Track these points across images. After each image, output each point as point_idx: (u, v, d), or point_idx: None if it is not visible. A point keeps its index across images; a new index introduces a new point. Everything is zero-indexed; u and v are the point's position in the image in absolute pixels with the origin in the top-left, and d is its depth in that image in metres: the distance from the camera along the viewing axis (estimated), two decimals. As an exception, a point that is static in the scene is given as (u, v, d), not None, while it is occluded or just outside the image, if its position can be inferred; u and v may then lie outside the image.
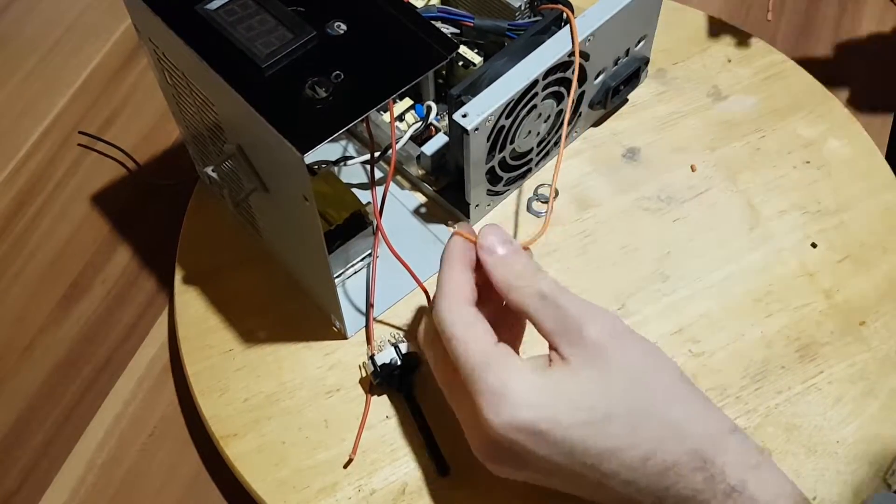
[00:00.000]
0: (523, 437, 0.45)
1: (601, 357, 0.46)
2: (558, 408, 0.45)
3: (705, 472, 0.44)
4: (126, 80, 0.79)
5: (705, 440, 0.45)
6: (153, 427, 0.61)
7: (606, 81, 0.65)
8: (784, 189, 0.66)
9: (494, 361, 0.46)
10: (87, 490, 0.59)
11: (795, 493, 0.45)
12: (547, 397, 0.45)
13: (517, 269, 0.49)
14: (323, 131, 0.44)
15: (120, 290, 0.67)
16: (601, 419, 0.45)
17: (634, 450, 0.45)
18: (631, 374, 0.46)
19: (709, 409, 0.47)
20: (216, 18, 0.48)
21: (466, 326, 0.48)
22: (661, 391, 0.46)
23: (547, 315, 0.47)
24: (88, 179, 0.73)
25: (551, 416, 0.45)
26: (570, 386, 0.45)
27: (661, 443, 0.45)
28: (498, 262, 0.50)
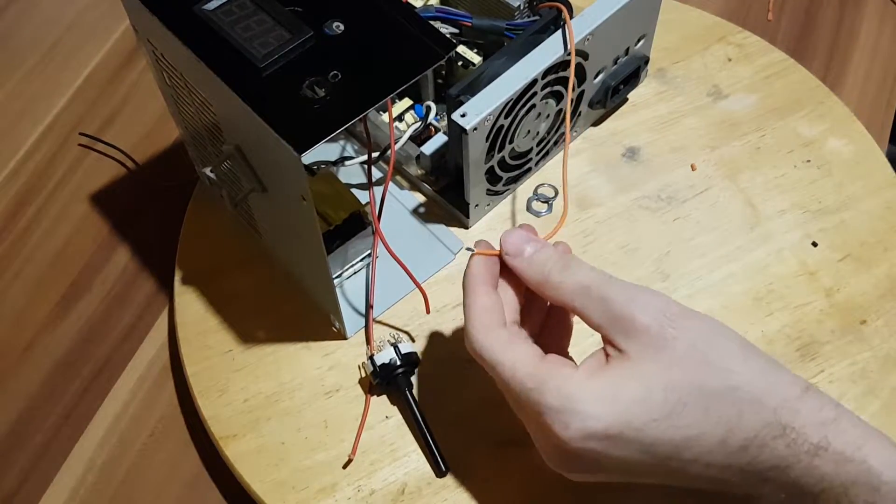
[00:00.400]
0: (596, 444, 0.44)
1: (659, 346, 0.44)
2: (627, 410, 0.43)
3: (786, 438, 0.43)
4: (126, 80, 0.79)
5: (780, 407, 0.44)
6: (153, 427, 0.61)
7: (606, 80, 0.65)
8: (784, 188, 0.65)
9: (547, 379, 0.45)
10: (87, 490, 0.59)
11: (879, 436, 0.44)
12: (612, 403, 0.44)
13: (549, 266, 0.48)
14: (320, 131, 0.44)
15: (119, 290, 0.67)
16: (671, 412, 0.43)
17: (710, 434, 0.43)
18: (693, 358, 0.44)
19: (779, 373, 0.45)
20: (214, 19, 0.48)
21: (504, 351, 0.46)
22: (727, 368, 0.44)
23: (594, 308, 0.46)
24: (88, 179, 0.73)
25: (621, 420, 0.43)
26: (634, 384, 0.44)
27: (736, 420, 0.43)
28: (527, 264, 0.48)
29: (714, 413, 0.43)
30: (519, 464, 0.55)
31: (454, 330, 0.60)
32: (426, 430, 0.56)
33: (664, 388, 0.43)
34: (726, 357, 0.45)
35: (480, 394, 0.58)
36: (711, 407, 0.43)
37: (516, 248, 0.49)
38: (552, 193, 0.66)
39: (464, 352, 0.59)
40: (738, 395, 0.44)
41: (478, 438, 0.56)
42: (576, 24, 0.59)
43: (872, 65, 0.76)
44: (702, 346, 0.45)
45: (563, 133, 0.66)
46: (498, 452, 0.56)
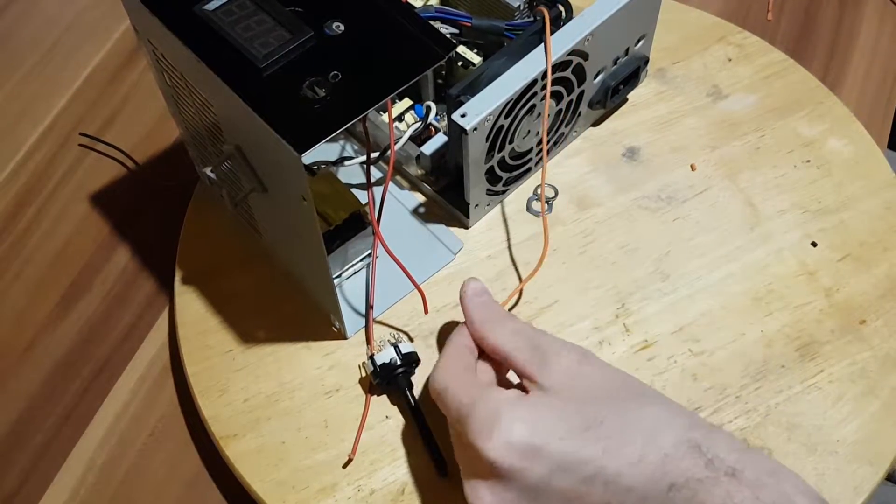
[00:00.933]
0: (521, 458, 0.45)
1: (578, 377, 0.48)
2: (550, 423, 0.46)
3: (703, 456, 0.44)
4: (126, 81, 0.79)
5: (693, 429, 0.46)
6: (153, 427, 0.61)
7: (606, 81, 0.65)
8: (784, 188, 0.65)
9: (481, 397, 0.47)
10: (87, 490, 0.59)
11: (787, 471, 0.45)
12: (536, 415, 0.46)
13: (492, 310, 0.53)
14: (321, 131, 0.44)
15: (120, 290, 0.67)
16: (591, 424, 0.46)
17: (629, 447, 0.45)
18: (610, 384, 0.48)
19: (685, 409, 0.48)
20: (214, 19, 0.48)
21: (453, 378, 0.50)
22: (641, 395, 0.49)
23: (521, 348, 0.50)
24: (88, 179, 0.73)
25: (545, 430, 0.46)
26: (557, 403, 0.47)
27: (652, 436, 0.45)
28: (475, 305, 0.53)
29: (631, 429, 0.46)
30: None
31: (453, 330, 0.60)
32: (426, 430, 0.56)
33: (583, 407, 0.47)
34: (639, 389, 0.49)
35: (480, 394, 0.58)
36: (627, 424, 0.46)
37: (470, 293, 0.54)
38: (552, 193, 0.66)
39: (464, 352, 0.59)
40: (652, 415, 0.47)
41: (478, 438, 0.56)
42: (575, 24, 0.59)
43: (872, 65, 0.76)
44: (616, 377, 0.49)
45: (564, 133, 0.66)
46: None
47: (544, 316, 0.61)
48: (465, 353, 0.52)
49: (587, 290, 0.62)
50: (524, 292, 0.62)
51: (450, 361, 0.51)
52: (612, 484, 0.45)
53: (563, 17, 0.62)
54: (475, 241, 0.64)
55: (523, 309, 0.61)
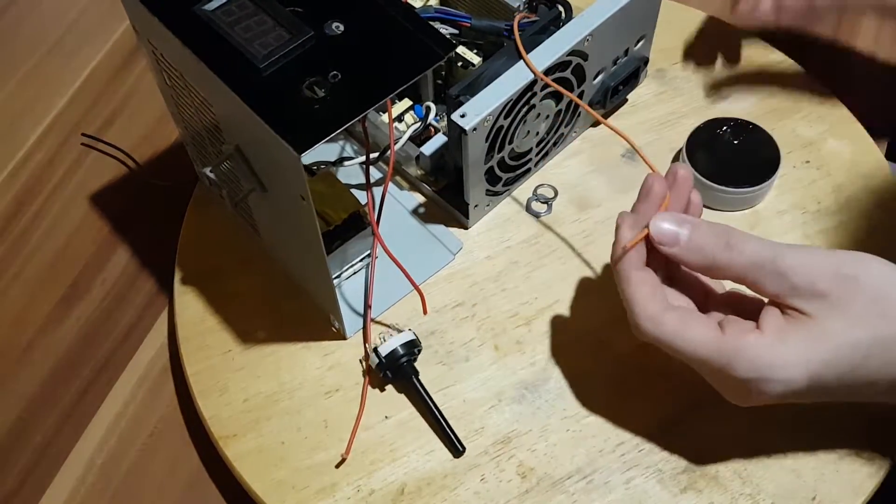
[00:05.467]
0: (790, 398, 0.47)
1: (840, 306, 0.46)
2: (818, 372, 0.46)
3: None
4: (126, 81, 0.79)
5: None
6: (153, 427, 0.61)
7: (605, 81, 0.65)
8: (784, 189, 0.65)
9: (734, 353, 0.46)
10: (87, 490, 0.59)
11: None
12: (805, 367, 0.46)
13: (710, 248, 0.48)
14: (320, 131, 0.44)
15: (119, 290, 0.67)
16: (856, 366, 0.46)
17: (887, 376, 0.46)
18: (872, 312, 0.46)
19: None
20: (214, 19, 0.48)
21: (680, 336, 0.48)
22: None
23: (769, 282, 0.47)
24: (88, 179, 0.73)
25: (814, 380, 0.46)
26: (823, 346, 0.46)
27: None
28: (686, 251, 0.49)
29: (893, 360, 0.46)
30: (516, 461, 0.55)
31: (453, 330, 0.60)
32: (439, 413, 0.56)
33: (850, 346, 0.46)
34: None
35: (480, 393, 0.58)
36: (891, 356, 0.46)
37: (671, 237, 0.49)
38: (552, 194, 0.66)
39: (461, 352, 0.59)
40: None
41: (477, 438, 0.56)
42: (575, 24, 0.59)
43: (872, 65, 0.76)
44: (879, 300, 0.46)
45: (563, 134, 0.66)
46: (494, 450, 0.56)
47: (544, 316, 0.61)
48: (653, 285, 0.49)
49: (587, 290, 0.62)
50: (524, 293, 0.62)
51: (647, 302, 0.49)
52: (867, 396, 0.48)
53: (562, 17, 0.62)
54: (475, 241, 0.64)
55: (523, 309, 0.61)
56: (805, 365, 0.46)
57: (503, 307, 0.61)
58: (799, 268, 0.47)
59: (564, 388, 0.58)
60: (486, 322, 0.61)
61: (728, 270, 0.48)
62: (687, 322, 0.48)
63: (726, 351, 0.46)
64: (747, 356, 0.46)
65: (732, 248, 0.48)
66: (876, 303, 0.46)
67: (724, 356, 0.47)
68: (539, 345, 0.60)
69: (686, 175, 0.52)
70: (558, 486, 0.55)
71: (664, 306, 0.49)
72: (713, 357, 0.47)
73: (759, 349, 0.46)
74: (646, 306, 0.49)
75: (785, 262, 0.47)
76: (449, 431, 0.56)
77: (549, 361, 0.59)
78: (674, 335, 0.48)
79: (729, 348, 0.46)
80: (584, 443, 0.56)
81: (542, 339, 0.60)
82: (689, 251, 0.49)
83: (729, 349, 0.46)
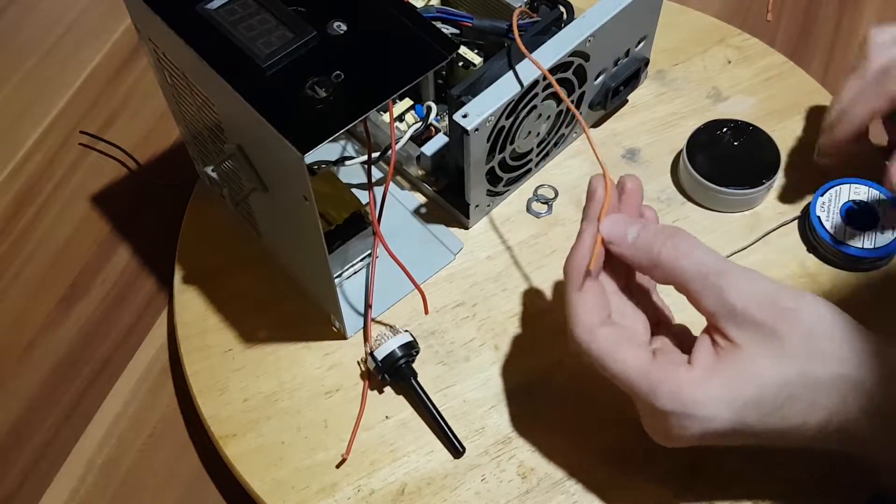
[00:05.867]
0: (709, 439, 0.46)
1: (771, 340, 0.45)
2: (742, 411, 0.45)
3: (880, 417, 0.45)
4: (126, 81, 0.79)
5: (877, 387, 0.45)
6: (153, 427, 0.61)
7: (606, 82, 0.65)
8: (784, 190, 0.65)
9: (659, 383, 0.45)
10: (87, 490, 0.59)
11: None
12: (728, 405, 0.45)
13: (657, 248, 0.47)
14: (323, 131, 0.44)
15: (119, 290, 0.67)
16: (781, 406, 0.45)
17: (813, 421, 0.45)
18: (803, 350, 0.45)
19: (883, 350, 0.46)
20: (216, 18, 0.48)
21: (611, 353, 0.46)
22: (835, 356, 0.45)
23: (706, 295, 0.46)
24: (88, 179, 0.73)
25: (736, 419, 0.45)
26: (749, 384, 0.45)
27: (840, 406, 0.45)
28: (633, 250, 0.48)
29: (820, 403, 0.45)
30: (516, 461, 0.55)
31: (453, 330, 0.60)
32: (438, 414, 0.56)
33: (777, 385, 0.45)
34: (835, 346, 0.45)
35: (479, 393, 0.58)
36: (818, 398, 0.45)
37: (618, 235, 0.48)
38: (552, 194, 0.66)
39: (462, 352, 0.59)
40: (843, 382, 0.45)
41: (477, 438, 0.56)
42: (577, 25, 0.59)
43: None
44: (812, 338, 0.45)
45: (563, 134, 0.66)
46: (495, 450, 0.56)
47: (544, 316, 0.61)
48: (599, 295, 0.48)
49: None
50: (524, 293, 0.62)
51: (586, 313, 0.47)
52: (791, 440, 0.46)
53: (564, 17, 0.62)
54: (475, 241, 0.64)
55: (523, 309, 0.61)
56: (728, 403, 0.45)
57: (503, 307, 0.61)
58: (740, 289, 0.45)
59: (565, 389, 0.58)
60: (486, 322, 0.61)
61: (671, 272, 0.47)
62: (620, 342, 0.47)
63: (652, 379, 0.45)
64: (670, 388, 0.45)
65: (679, 249, 0.47)
66: (808, 342, 0.45)
67: (649, 384, 0.45)
68: (539, 345, 0.60)
69: (634, 187, 0.51)
70: (559, 487, 0.55)
71: (602, 320, 0.48)
72: (637, 383, 0.46)
73: (683, 383, 0.45)
74: (584, 316, 0.47)
75: (728, 279, 0.46)
76: (448, 432, 0.56)
77: (550, 361, 0.59)
78: (604, 352, 0.47)
79: (654, 377, 0.45)
80: (585, 443, 0.56)
81: (543, 339, 0.60)
82: (637, 249, 0.48)
83: (654, 378, 0.45)
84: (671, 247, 0.47)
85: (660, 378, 0.45)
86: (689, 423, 0.45)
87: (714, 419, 0.45)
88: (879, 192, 0.63)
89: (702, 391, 0.45)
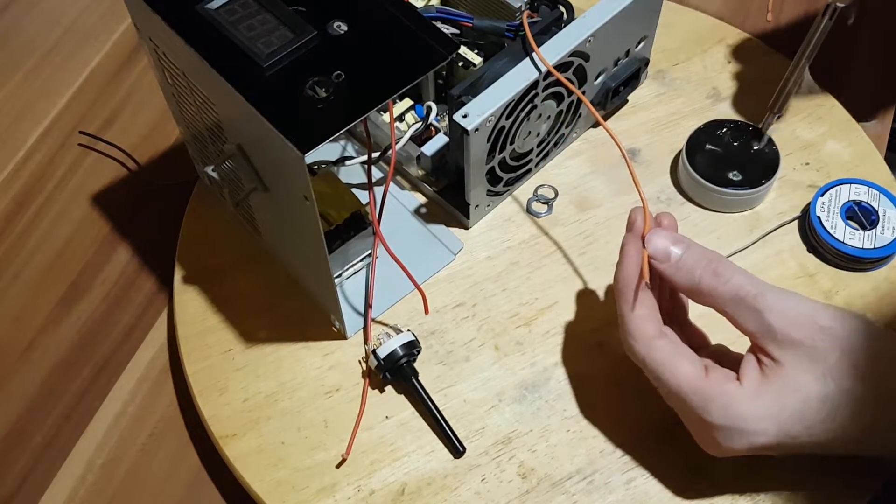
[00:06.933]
0: (762, 450, 0.48)
1: (812, 357, 0.47)
2: (787, 424, 0.47)
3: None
4: (126, 81, 0.79)
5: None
6: (153, 427, 0.61)
7: (606, 82, 0.65)
8: (783, 190, 0.66)
9: (713, 397, 0.47)
10: (87, 490, 0.59)
11: None
12: (775, 421, 0.47)
13: (699, 272, 0.49)
14: (323, 131, 0.44)
15: (119, 290, 0.67)
16: (824, 419, 0.47)
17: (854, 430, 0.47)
18: (843, 367, 0.47)
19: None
20: (217, 18, 0.48)
21: (667, 364, 0.49)
22: (874, 374, 0.47)
23: (746, 318, 0.48)
24: (88, 179, 0.73)
25: (782, 433, 0.47)
26: (793, 399, 0.47)
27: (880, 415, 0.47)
28: (675, 270, 0.50)
29: (860, 414, 0.47)
30: (516, 461, 0.55)
31: (453, 330, 0.60)
32: (439, 414, 0.56)
33: (820, 399, 0.47)
34: (873, 362, 0.47)
35: (480, 393, 0.58)
36: (859, 410, 0.47)
37: (663, 252, 0.50)
38: (552, 195, 0.66)
39: (462, 352, 0.59)
40: (883, 394, 0.47)
41: (477, 438, 0.56)
42: (577, 25, 0.59)
43: (872, 66, 0.76)
44: (852, 354, 0.47)
45: (564, 134, 0.66)
46: (495, 450, 0.56)
47: (544, 316, 0.61)
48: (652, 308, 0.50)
49: (587, 291, 0.62)
50: (524, 293, 0.62)
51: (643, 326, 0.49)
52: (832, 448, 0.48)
53: (564, 18, 0.62)
54: (475, 241, 0.64)
55: (523, 309, 0.61)
56: (775, 418, 0.47)
57: (503, 307, 0.61)
58: (778, 311, 0.47)
59: (565, 389, 0.58)
60: (486, 322, 0.61)
61: (711, 297, 0.49)
62: (677, 355, 0.49)
63: (706, 394, 0.47)
64: (722, 403, 0.47)
65: (719, 275, 0.49)
66: (847, 357, 0.47)
67: (702, 399, 0.48)
68: (539, 345, 0.60)
69: (670, 224, 0.53)
70: (559, 487, 0.55)
71: (659, 331, 0.50)
72: (691, 397, 0.48)
73: (734, 399, 0.47)
74: (641, 326, 0.50)
75: (766, 302, 0.48)
76: (449, 432, 0.56)
77: (550, 362, 0.59)
78: (662, 364, 0.49)
79: (708, 392, 0.47)
80: (585, 443, 0.56)
81: (543, 339, 0.60)
82: (679, 270, 0.50)
83: (708, 393, 0.47)
84: (711, 273, 0.49)
85: (712, 394, 0.47)
86: (738, 438, 0.47)
87: (762, 434, 0.47)
88: (879, 192, 0.63)
89: (751, 408, 0.47)
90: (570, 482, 0.55)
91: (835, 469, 0.54)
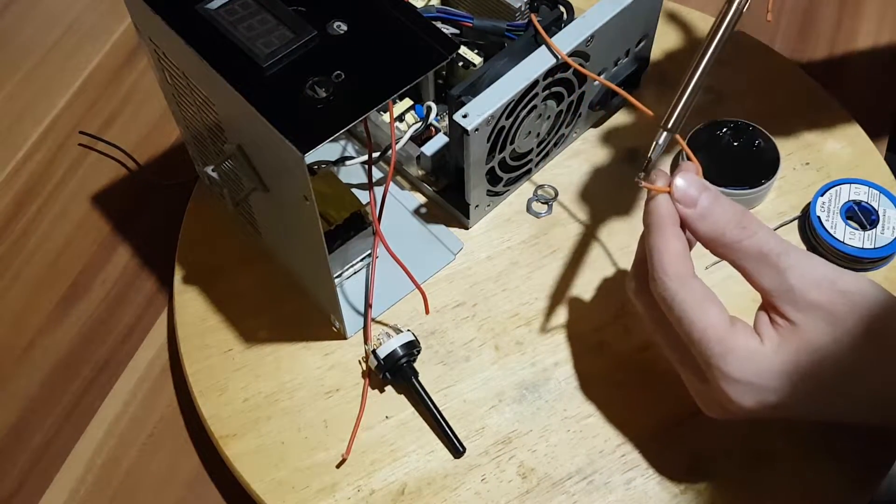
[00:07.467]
0: (767, 411, 0.47)
1: (830, 321, 0.46)
2: (801, 384, 0.46)
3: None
4: (126, 81, 0.79)
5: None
6: (153, 427, 0.61)
7: (606, 82, 0.65)
8: (783, 190, 0.66)
9: (734, 349, 0.46)
10: (87, 490, 0.59)
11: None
12: (789, 379, 0.46)
13: (723, 224, 0.47)
14: (323, 131, 0.44)
15: (119, 290, 0.67)
16: (838, 383, 0.46)
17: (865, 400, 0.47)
18: (860, 330, 0.46)
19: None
20: (217, 18, 0.48)
21: (698, 308, 0.47)
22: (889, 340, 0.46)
23: (766, 275, 0.47)
24: (88, 179, 0.73)
25: (797, 392, 0.46)
26: (809, 362, 0.46)
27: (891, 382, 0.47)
28: (701, 219, 0.48)
29: (872, 382, 0.47)
30: (516, 461, 0.55)
31: (453, 330, 0.60)
32: (439, 414, 0.56)
33: (835, 363, 0.46)
34: (890, 329, 0.46)
35: (480, 393, 0.58)
36: (871, 376, 0.46)
37: (691, 198, 0.48)
38: (552, 194, 0.66)
39: (462, 352, 0.59)
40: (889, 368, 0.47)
41: (477, 438, 0.56)
42: (577, 25, 0.59)
43: (872, 66, 0.76)
44: (869, 319, 0.46)
45: (564, 134, 0.66)
46: (495, 450, 0.56)
47: (544, 316, 0.61)
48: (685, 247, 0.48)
49: (587, 290, 0.62)
50: (524, 293, 0.62)
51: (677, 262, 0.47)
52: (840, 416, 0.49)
53: (563, 18, 0.62)
54: (475, 241, 0.64)
55: (523, 309, 0.61)
56: (790, 377, 0.46)
57: (504, 307, 0.61)
58: (799, 270, 0.47)
59: (565, 389, 0.58)
60: (486, 322, 0.61)
61: (732, 250, 0.48)
62: (707, 300, 0.47)
63: (728, 345, 0.46)
64: (743, 356, 0.46)
65: (745, 228, 0.47)
66: (864, 322, 0.46)
67: (724, 348, 0.46)
68: (539, 345, 0.60)
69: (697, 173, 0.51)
70: (559, 487, 0.55)
71: (691, 270, 0.48)
72: (713, 345, 0.46)
73: (754, 354, 0.46)
74: (676, 263, 0.47)
75: (789, 261, 0.47)
76: (449, 432, 0.56)
77: (550, 362, 0.59)
78: (692, 305, 0.47)
79: (731, 344, 0.46)
80: (585, 443, 0.56)
81: (543, 339, 0.60)
82: (703, 218, 0.48)
83: (730, 345, 0.46)
84: (736, 224, 0.47)
85: (733, 346, 0.46)
86: (749, 394, 0.46)
87: (774, 392, 0.46)
88: (879, 192, 0.63)
89: (769, 364, 0.46)
90: (570, 482, 0.55)
91: (836, 469, 0.54)
